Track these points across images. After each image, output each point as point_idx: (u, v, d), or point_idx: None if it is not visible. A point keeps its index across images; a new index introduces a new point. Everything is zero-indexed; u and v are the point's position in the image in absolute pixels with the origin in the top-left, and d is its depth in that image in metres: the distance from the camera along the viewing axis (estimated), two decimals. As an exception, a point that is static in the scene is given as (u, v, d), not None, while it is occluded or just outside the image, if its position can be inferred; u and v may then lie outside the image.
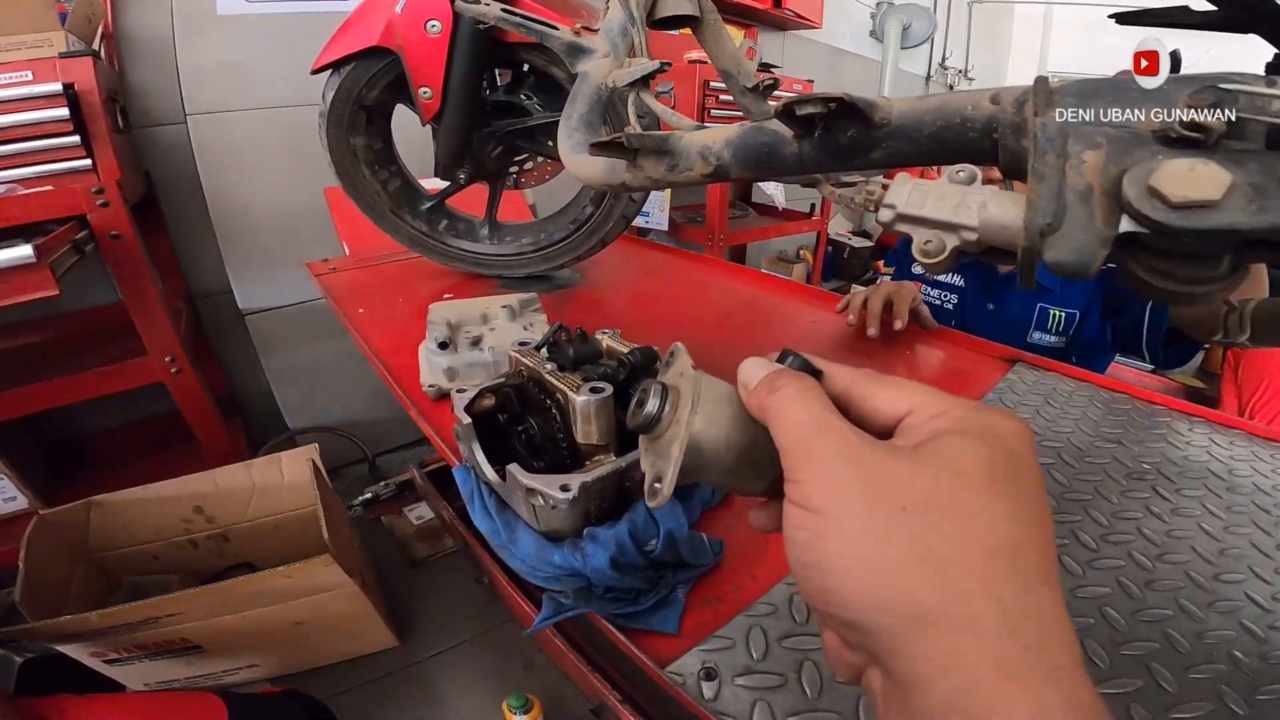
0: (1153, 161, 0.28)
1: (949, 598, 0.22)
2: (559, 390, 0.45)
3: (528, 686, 1.29)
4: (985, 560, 0.23)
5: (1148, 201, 0.28)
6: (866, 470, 0.24)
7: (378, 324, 1.02)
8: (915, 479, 0.24)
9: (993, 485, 0.24)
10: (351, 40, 1.00)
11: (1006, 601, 0.22)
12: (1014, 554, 0.23)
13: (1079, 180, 0.30)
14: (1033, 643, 0.22)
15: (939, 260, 0.34)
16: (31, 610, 1.10)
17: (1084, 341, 1.27)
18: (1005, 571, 0.23)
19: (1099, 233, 0.29)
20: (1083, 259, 0.30)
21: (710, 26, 0.78)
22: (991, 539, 0.23)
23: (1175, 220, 0.27)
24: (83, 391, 1.37)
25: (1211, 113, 0.28)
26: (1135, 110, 0.31)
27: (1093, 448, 0.73)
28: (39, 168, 1.36)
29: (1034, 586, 0.23)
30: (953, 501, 0.23)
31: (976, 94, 0.38)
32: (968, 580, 0.22)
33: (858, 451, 0.25)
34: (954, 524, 0.23)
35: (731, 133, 0.48)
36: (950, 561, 0.23)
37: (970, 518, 0.23)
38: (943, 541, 0.23)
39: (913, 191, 0.37)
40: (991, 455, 0.24)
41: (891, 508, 0.23)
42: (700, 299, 1.23)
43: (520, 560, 0.48)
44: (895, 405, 0.27)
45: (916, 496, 0.23)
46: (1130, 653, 0.48)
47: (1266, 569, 0.57)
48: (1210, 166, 0.27)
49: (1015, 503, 0.24)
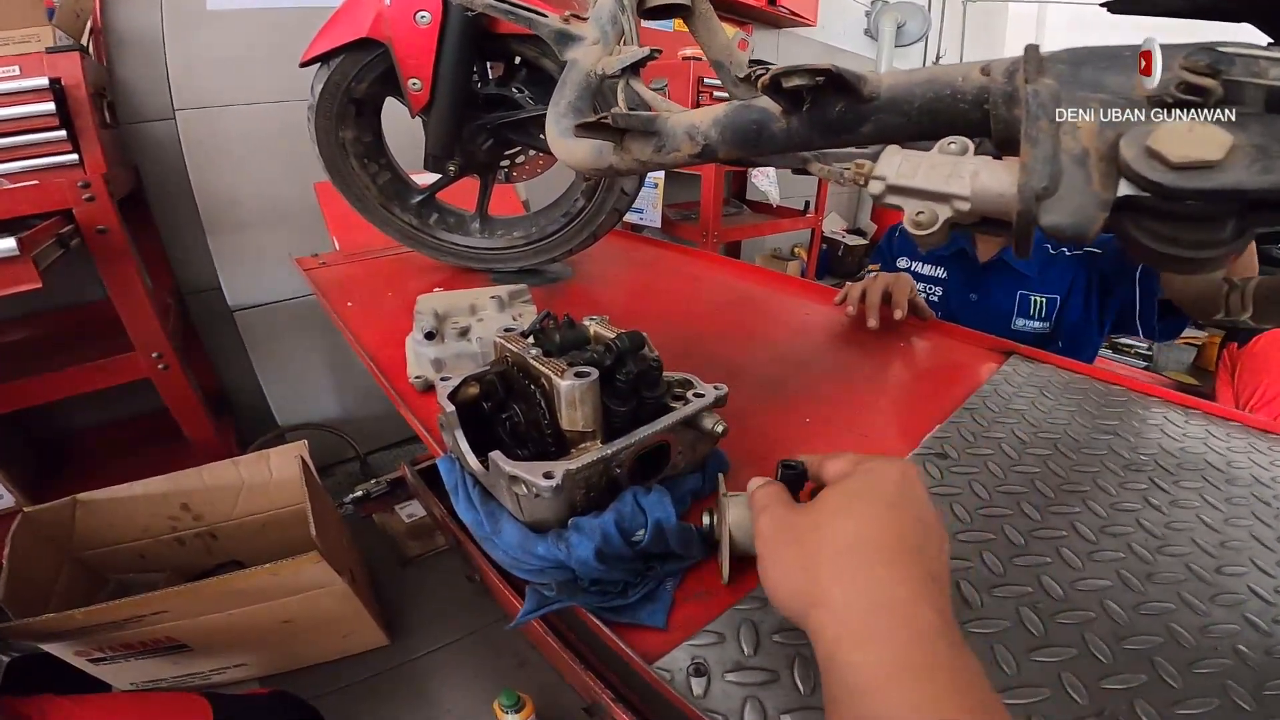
0: (1150, 124, 0.27)
1: (815, 587, 0.35)
2: (544, 375, 0.44)
3: (520, 685, 1.28)
4: (833, 558, 0.35)
5: (1146, 163, 0.27)
6: (783, 527, 0.39)
7: (366, 318, 1.01)
8: (804, 521, 0.38)
9: (842, 510, 0.38)
10: (340, 32, 1.00)
11: (846, 583, 0.34)
12: (853, 550, 0.35)
13: (1074, 145, 0.29)
14: (871, 608, 0.32)
15: (932, 232, 0.33)
16: (15, 608, 1.08)
17: (1069, 326, 1.28)
18: (847, 563, 0.35)
19: (1097, 195, 0.28)
20: (1081, 222, 0.29)
21: (702, 17, 0.77)
22: (838, 544, 0.36)
23: (1176, 181, 0.26)
24: (69, 388, 1.35)
25: (1209, 77, 0.27)
26: (1129, 75, 0.30)
27: (1089, 439, 0.72)
28: (25, 162, 1.36)
29: (873, 568, 0.34)
30: (816, 528, 0.37)
31: (967, 66, 0.37)
32: (823, 573, 0.35)
33: (782, 518, 0.40)
34: (815, 541, 0.37)
35: (719, 112, 0.47)
36: (814, 563, 0.36)
37: (826, 533, 0.37)
38: (811, 553, 0.36)
39: (903, 162, 0.36)
40: (846, 493, 0.38)
41: (791, 541, 0.38)
42: (694, 292, 1.22)
43: (504, 552, 0.47)
44: (834, 472, 0.42)
45: (801, 531, 0.38)
46: (1133, 647, 0.47)
47: (1269, 561, 0.56)
48: (1209, 127, 0.26)
49: (859, 518, 0.37)
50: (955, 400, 0.79)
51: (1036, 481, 0.64)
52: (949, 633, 0.31)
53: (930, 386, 0.87)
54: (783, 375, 0.85)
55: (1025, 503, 0.61)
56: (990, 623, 0.49)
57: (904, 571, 0.33)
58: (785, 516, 0.39)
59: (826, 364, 0.92)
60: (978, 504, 0.61)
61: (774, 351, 0.94)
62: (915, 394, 0.86)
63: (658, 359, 0.47)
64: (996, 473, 0.65)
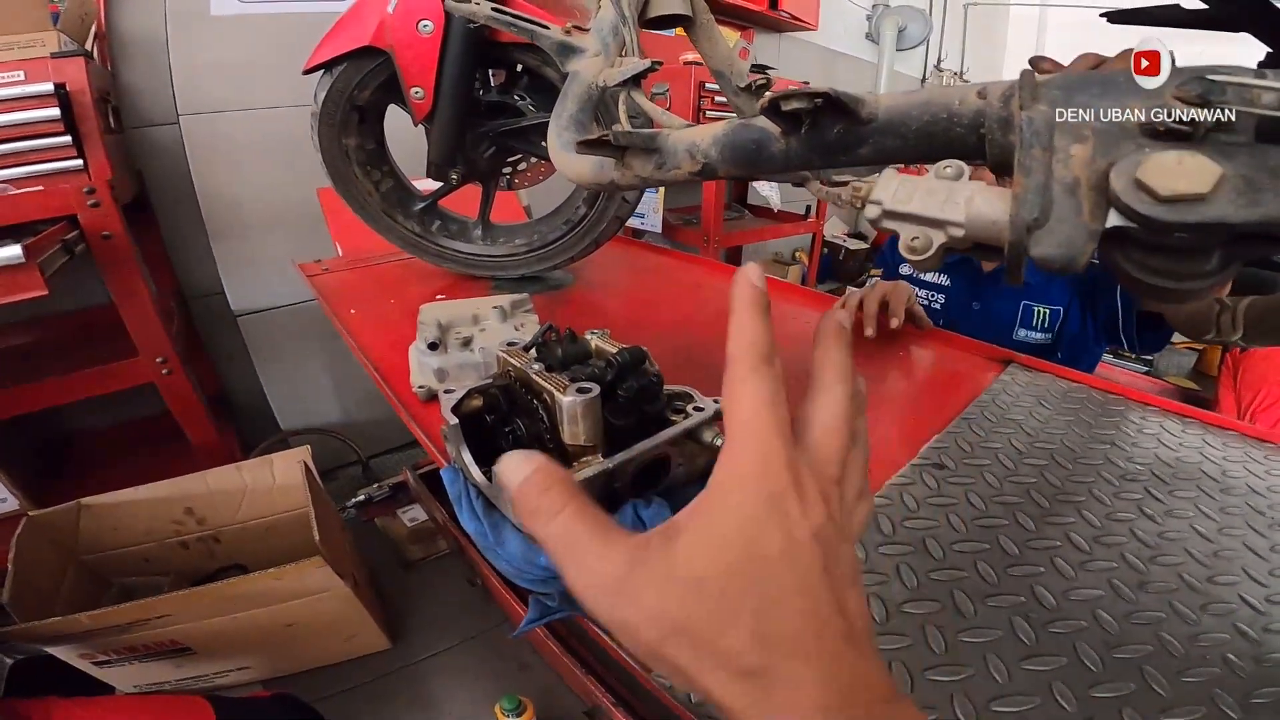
0: (1140, 154, 0.28)
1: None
2: (546, 391, 0.44)
3: (521, 689, 1.28)
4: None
5: (1135, 195, 0.27)
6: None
7: (369, 325, 1.02)
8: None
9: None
10: (343, 40, 1.00)
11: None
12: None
13: (1066, 174, 0.30)
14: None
15: (926, 257, 0.34)
16: (20, 612, 1.09)
17: (1070, 337, 1.28)
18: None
19: (1086, 226, 0.29)
20: (1069, 253, 0.29)
21: (703, 26, 0.78)
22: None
23: (1164, 214, 0.26)
24: (73, 392, 1.36)
25: (1200, 107, 0.28)
26: (1123, 103, 0.31)
27: (1086, 449, 0.73)
28: (30, 168, 1.36)
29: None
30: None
31: (963, 89, 0.37)
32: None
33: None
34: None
35: (719, 130, 0.48)
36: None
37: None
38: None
39: (899, 187, 0.36)
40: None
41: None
42: (695, 300, 1.23)
43: (506, 562, 0.47)
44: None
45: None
46: (1123, 655, 0.47)
47: (1261, 571, 0.56)
48: (1199, 159, 0.26)
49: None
50: (953, 410, 0.80)
51: (1032, 491, 0.65)
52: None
53: (929, 396, 0.88)
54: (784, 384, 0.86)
55: (1020, 513, 0.62)
56: (983, 631, 0.49)
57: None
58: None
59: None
60: (974, 514, 0.62)
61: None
62: (914, 404, 0.87)
63: (658, 374, 0.48)
64: (993, 483, 0.66)
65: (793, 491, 0.26)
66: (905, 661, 0.47)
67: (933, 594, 0.53)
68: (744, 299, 0.30)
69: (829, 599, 0.24)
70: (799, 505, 0.25)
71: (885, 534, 0.59)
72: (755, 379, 0.28)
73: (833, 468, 0.28)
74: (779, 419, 0.27)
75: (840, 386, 0.30)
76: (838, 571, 0.25)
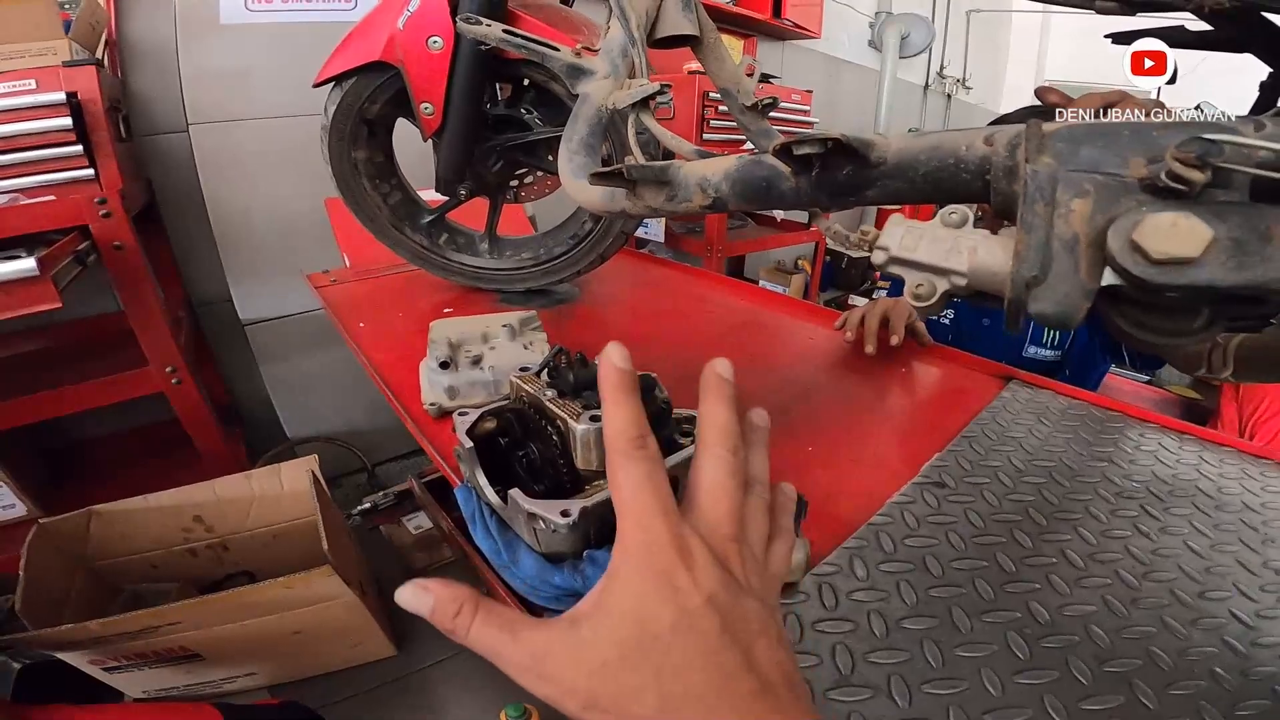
0: (1137, 213, 0.29)
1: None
2: (559, 418, 0.46)
3: (526, 697, 1.29)
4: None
5: (1130, 256, 0.28)
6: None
7: (379, 339, 1.03)
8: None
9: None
10: (353, 55, 1.01)
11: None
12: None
13: (1066, 230, 0.31)
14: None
15: (930, 304, 0.35)
16: (31, 618, 1.10)
17: (1077, 353, 1.29)
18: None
19: (1083, 285, 0.30)
20: (1066, 311, 0.30)
21: (710, 45, 0.80)
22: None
23: (1155, 276, 0.27)
24: (84, 401, 1.37)
25: (1197, 169, 0.28)
26: (1124, 158, 0.31)
27: (1084, 466, 0.74)
28: (41, 177, 1.37)
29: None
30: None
31: (971, 134, 0.39)
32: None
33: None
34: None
35: (730, 165, 0.49)
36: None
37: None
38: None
39: (905, 234, 0.37)
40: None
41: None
42: (700, 315, 1.24)
43: (521, 580, 0.49)
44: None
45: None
46: (1113, 669, 0.49)
47: (1252, 586, 0.57)
48: (1192, 221, 0.27)
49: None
50: (954, 428, 0.81)
51: (1030, 509, 0.66)
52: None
53: (930, 414, 0.89)
54: (785, 403, 0.87)
55: (1018, 530, 0.63)
56: (979, 646, 0.51)
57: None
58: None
59: (829, 391, 0.93)
60: (973, 532, 0.63)
61: (777, 378, 0.96)
62: (915, 421, 0.88)
63: (667, 399, 0.49)
64: (992, 501, 0.68)
65: (680, 564, 0.27)
66: (904, 675, 0.49)
67: (931, 610, 0.54)
68: (610, 384, 0.31)
69: (732, 658, 0.26)
70: (688, 576, 0.27)
71: (887, 552, 0.60)
72: (629, 463, 0.29)
73: (725, 526, 0.30)
74: (659, 496, 0.29)
75: (719, 444, 0.32)
76: (742, 628, 0.27)
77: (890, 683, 0.48)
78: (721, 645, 0.26)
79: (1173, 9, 0.52)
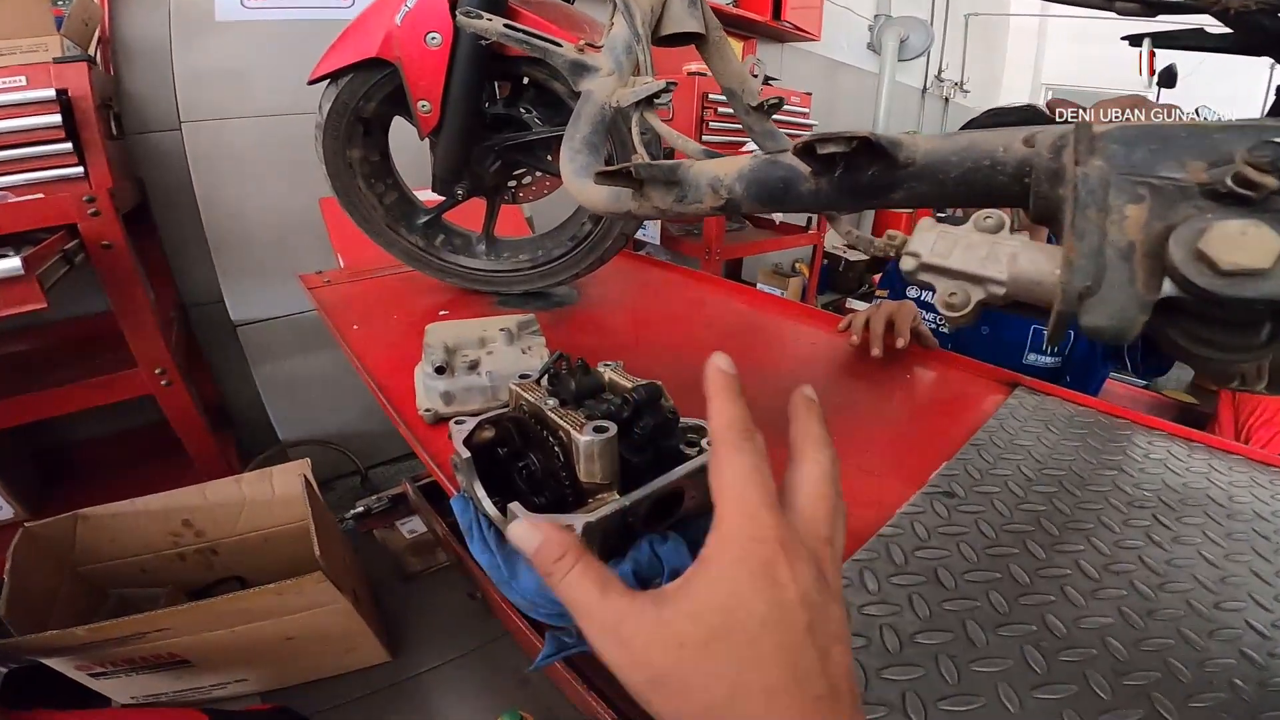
0: (1200, 220, 0.27)
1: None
2: (561, 428, 0.44)
3: (522, 703, 1.28)
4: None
5: (1194, 266, 0.26)
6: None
7: (373, 341, 1.01)
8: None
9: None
10: (349, 51, 0.99)
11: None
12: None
13: (1120, 237, 0.29)
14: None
15: (964, 314, 0.33)
16: (17, 623, 1.08)
17: (1077, 359, 1.28)
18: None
19: (1139, 296, 0.28)
20: (1122, 325, 0.28)
21: (715, 44, 0.78)
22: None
23: (1223, 288, 0.26)
24: (71, 404, 1.35)
25: (1271, 174, 0.26)
26: (1181, 161, 0.29)
27: (1094, 475, 0.73)
28: (30, 175, 1.35)
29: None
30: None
31: (1008, 134, 0.37)
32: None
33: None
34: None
35: (744, 165, 0.47)
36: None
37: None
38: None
39: (938, 240, 0.35)
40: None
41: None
42: (700, 318, 1.22)
43: (521, 596, 0.47)
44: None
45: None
46: (1132, 683, 0.48)
47: (1266, 596, 0.57)
48: (1263, 230, 0.26)
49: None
50: (962, 435, 0.80)
51: (1042, 519, 0.65)
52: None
53: (937, 421, 0.87)
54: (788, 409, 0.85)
55: (1031, 541, 0.62)
56: (995, 661, 0.49)
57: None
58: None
59: (834, 397, 0.92)
60: (984, 543, 0.62)
61: (781, 384, 0.93)
62: (922, 429, 0.86)
63: (674, 409, 0.48)
64: (1003, 511, 0.66)
65: (782, 558, 0.27)
66: (919, 692, 0.47)
67: (945, 624, 0.53)
68: (717, 385, 0.33)
69: (810, 659, 0.26)
70: (788, 570, 0.27)
71: (898, 564, 0.59)
72: (737, 454, 0.30)
73: (823, 528, 0.31)
74: (765, 490, 0.29)
75: (822, 454, 0.33)
76: (823, 630, 0.27)
77: (905, 700, 0.46)
78: (804, 644, 0.26)
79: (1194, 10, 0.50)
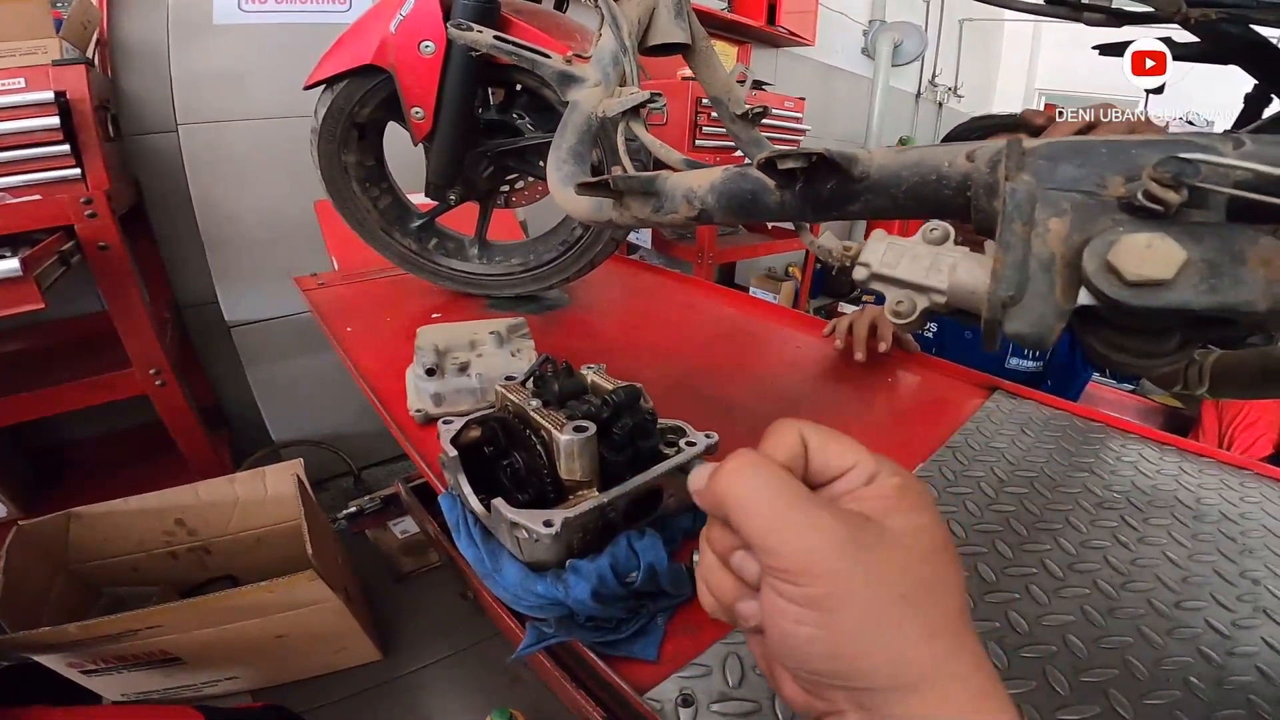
0: (1113, 234, 0.29)
1: (942, 662, 0.26)
2: (544, 428, 0.46)
3: (512, 702, 1.29)
4: (955, 622, 0.28)
5: (1104, 277, 0.28)
6: (863, 566, 0.27)
7: (365, 343, 1.03)
8: (905, 569, 0.28)
9: (943, 558, 0.29)
10: (345, 58, 1.00)
11: (969, 653, 0.27)
12: (963, 614, 0.28)
13: (1043, 249, 0.31)
14: (987, 673, 0.27)
15: (910, 321, 0.35)
16: (9, 620, 1.09)
17: (1059, 364, 1.30)
18: (965, 629, 0.28)
19: (1057, 305, 0.30)
20: (1040, 331, 0.30)
21: (702, 53, 0.80)
22: (954, 604, 0.28)
23: (1129, 298, 0.28)
24: (65, 403, 1.36)
25: (1173, 189, 0.28)
26: (1102, 176, 0.31)
27: (1065, 477, 0.75)
28: (27, 176, 1.36)
29: (970, 634, 0.28)
30: (932, 584, 0.28)
31: (954, 149, 0.39)
32: (950, 643, 0.27)
33: (844, 542, 0.27)
34: (936, 604, 0.27)
35: (716, 177, 0.49)
36: (939, 631, 0.27)
37: (943, 593, 0.28)
38: (932, 619, 0.27)
39: (887, 251, 0.37)
40: (933, 531, 0.29)
41: (895, 598, 0.27)
42: (688, 322, 1.24)
43: (504, 589, 0.49)
44: (843, 459, 0.31)
45: (909, 585, 0.27)
46: (1089, 679, 0.49)
47: (1229, 595, 0.58)
48: (1167, 243, 0.27)
49: (957, 568, 0.29)
50: (939, 437, 0.82)
51: (1011, 520, 0.67)
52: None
53: (916, 423, 0.89)
54: (773, 412, 0.87)
55: (1000, 540, 0.64)
56: (957, 657, 0.51)
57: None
58: (858, 552, 0.27)
59: (815, 400, 0.94)
60: (955, 542, 0.63)
61: (764, 387, 0.96)
62: (901, 430, 0.88)
63: (652, 411, 0.50)
64: (974, 511, 0.68)
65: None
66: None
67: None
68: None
69: (960, 583, 0.29)
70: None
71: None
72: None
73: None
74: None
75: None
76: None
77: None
78: (960, 572, 0.29)
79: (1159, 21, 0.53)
